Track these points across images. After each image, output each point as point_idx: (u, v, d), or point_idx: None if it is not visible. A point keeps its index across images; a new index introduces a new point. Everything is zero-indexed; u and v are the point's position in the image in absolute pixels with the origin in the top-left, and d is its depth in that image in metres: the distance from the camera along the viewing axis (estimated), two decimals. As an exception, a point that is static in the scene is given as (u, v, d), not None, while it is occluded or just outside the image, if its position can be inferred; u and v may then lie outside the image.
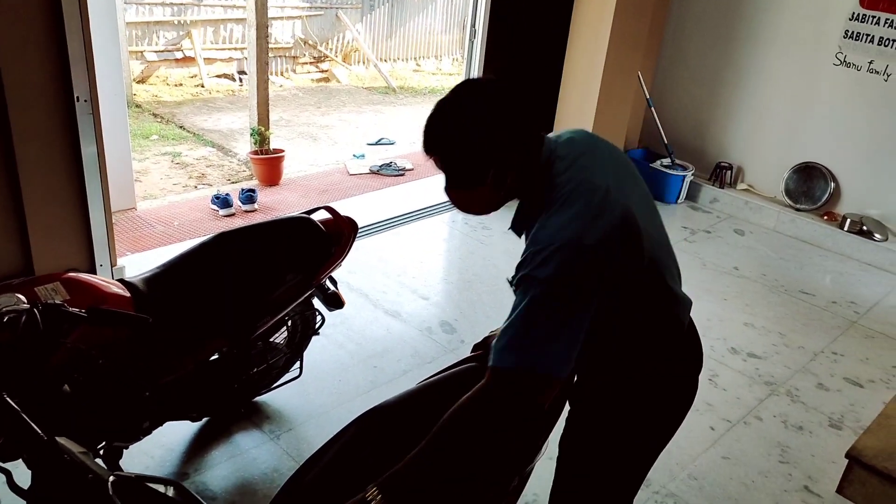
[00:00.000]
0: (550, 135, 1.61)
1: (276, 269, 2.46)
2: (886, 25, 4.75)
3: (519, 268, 1.40)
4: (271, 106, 6.10)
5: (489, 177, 1.47)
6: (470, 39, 4.86)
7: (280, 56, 9.94)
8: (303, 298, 2.60)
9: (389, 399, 1.76)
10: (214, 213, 5.01)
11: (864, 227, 5.05)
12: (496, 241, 4.66)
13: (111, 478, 1.25)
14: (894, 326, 4.17)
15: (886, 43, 4.78)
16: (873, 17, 4.79)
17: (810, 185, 5.38)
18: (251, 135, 5.81)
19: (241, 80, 9.30)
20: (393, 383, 3.16)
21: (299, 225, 2.57)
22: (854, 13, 4.86)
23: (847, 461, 2.78)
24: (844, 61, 4.99)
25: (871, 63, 4.88)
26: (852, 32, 4.91)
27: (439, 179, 1.56)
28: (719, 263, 4.73)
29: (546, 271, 1.34)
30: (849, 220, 5.10)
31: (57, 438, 1.29)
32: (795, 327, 4.03)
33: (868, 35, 4.85)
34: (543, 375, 1.34)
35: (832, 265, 4.91)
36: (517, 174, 1.49)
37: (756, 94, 5.50)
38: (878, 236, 5.00)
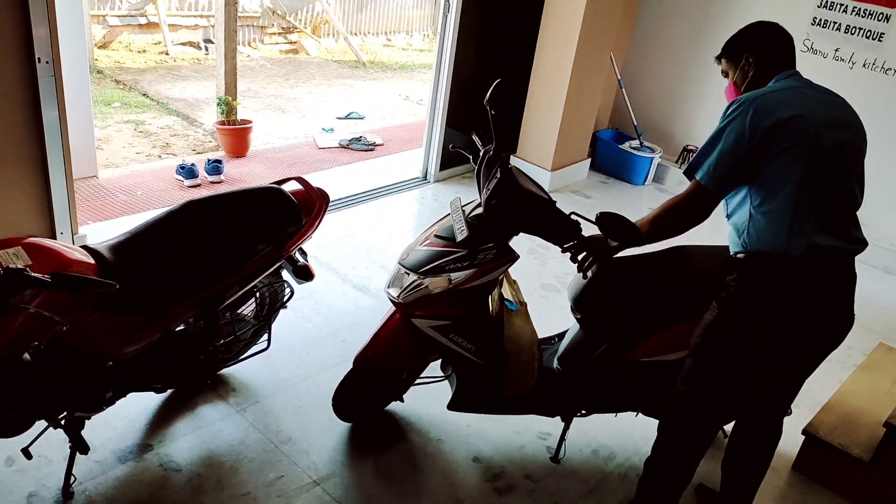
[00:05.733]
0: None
1: (246, 240, 2.42)
2: (853, 13, 4.82)
3: None
4: (238, 76, 5.98)
5: (737, 71, 2.20)
6: (444, 14, 4.80)
7: (248, 25, 9.74)
8: (272, 270, 2.57)
9: None
10: (179, 184, 4.91)
11: (825, 212, 5.15)
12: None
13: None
14: (851, 309, 4.28)
15: (853, 31, 4.86)
16: (841, 4, 4.86)
17: (774, 170, 5.46)
18: (218, 104, 5.70)
19: (206, 48, 9.10)
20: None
21: (270, 195, 2.53)
22: (823, 0, 4.93)
23: (804, 437, 2.86)
24: (811, 48, 5.06)
25: (837, 51, 4.96)
26: (820, 20, 4.98)
27: (409, 155, 1.60)
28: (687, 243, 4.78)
29: (726, 115, 1.99)
30: (810, 205, 5.20)
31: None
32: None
33: (835, 23, 4.92)
34: (703, 186, 2.00)
35: (793, 249, 5.01)
36: (754, 77, 2.14)
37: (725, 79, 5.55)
38: (837, 221, 5.11)
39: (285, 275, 2.81)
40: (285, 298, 2.85)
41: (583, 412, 2.68)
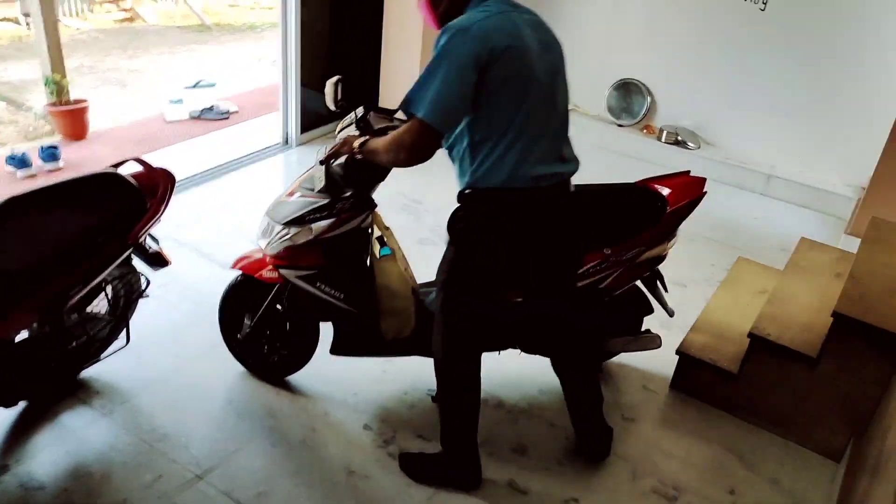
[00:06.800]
0: None
1: (83, 233, 2.20)
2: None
3: None
4: (69, 51, 5.48)
5: None
6: (284, -33, 4.55)
7: (73, -6, 8.93)
8: (119, 261, 2.36)
9: None
10: (11, 176, 4.46)
11: (679, 138, 5.38)
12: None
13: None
14: (710, 227, 4.51)
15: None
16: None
17: (629, 101, 5.63)
18: (46, 85, 5.18)
19: (28, 23, 8.26)
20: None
21: (105, 181, 2.31)
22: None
23: (678, 357, 2.99)
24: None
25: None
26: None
27: (268, 120, 1.50)
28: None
29: (439, 45, 1.88)
30: (665, 132, 5.42)
31: None
32: (625, 238, 4.24)
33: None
34: (427, 123, 1.86)
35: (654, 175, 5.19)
36: (451, 1, 2.01)
37: (575, 17, 5.62)
38: (691, 145, 5.35)
39: (138, 264, 2.60)
40: (142, 289, 2.65)
41: None
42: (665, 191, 2.63)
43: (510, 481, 2.48)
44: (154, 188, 2.40)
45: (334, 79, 2.33)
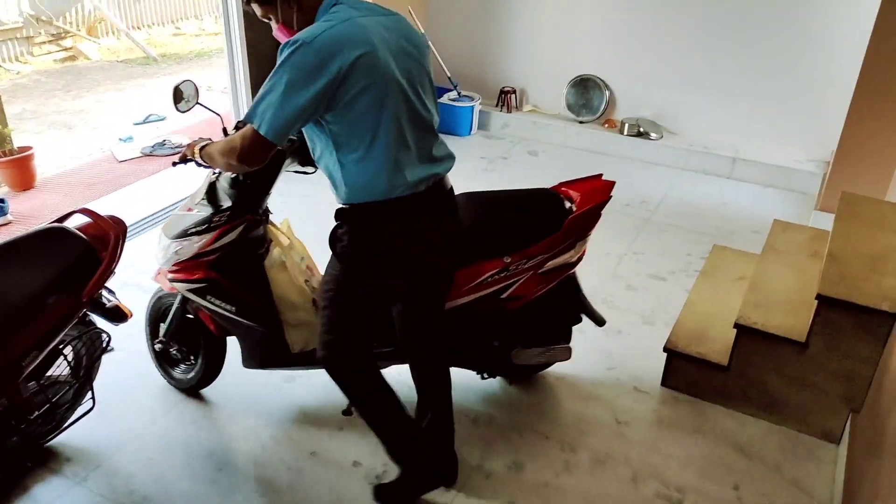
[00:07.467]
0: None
1: (32, 295, 2.06)
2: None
3: None
4: (10, 97, 5.30)
5: (279, 11, 1.94)
6: (223, -8, 4.43)
7: (10, 39, 8.66)
8: (76, 320, 2.23)
9: None
10: (-42, 235, 4.27)
11: (641, 129, 5.35)
12: (296, 206, 4.39)
13: None
14: (681, 216, 4.48)
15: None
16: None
17: (588, 97, 5.59)
18: (-13, 135, 4.99)
19: (-34, 72, 8.02)
20: (214, 383, 2.85)
21: (51, 237, 2.17)
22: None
23: (666, 354, 2.93)
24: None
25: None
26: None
27: None
28: (520, 187, 4.79)
29: (281, 59, 1.79)
30: (626, 125, 5.38)
31: None
32: (598, 235, 4.12)
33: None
34: (255, 130, 1.81)
35: (619, 169, 5.16)
36: (300, 15, 1.92)
37: (527, 15, 5.58)
38: (653, 135, 5.32)
39: (97, 320, 2.47)
40: (104, 345, 2.51)
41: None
42: (575, 195, 2.55)
43: (510, 503, 2.40)
44: (105, 238, 2.27)
45: (178, 82, 2.30)
